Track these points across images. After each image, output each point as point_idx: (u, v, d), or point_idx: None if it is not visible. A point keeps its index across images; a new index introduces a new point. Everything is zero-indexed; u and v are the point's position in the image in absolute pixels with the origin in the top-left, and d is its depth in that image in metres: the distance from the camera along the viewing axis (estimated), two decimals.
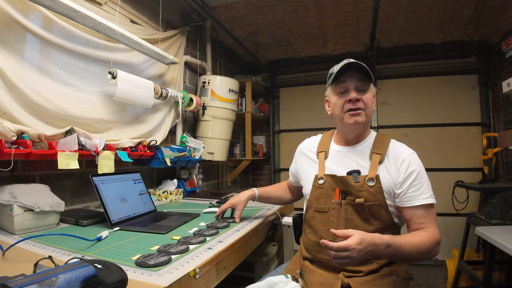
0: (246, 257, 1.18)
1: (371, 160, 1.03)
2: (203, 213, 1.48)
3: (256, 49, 3.28)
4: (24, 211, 1.03)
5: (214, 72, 2.83)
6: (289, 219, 1.52)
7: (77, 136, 1.32)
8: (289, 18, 2.63)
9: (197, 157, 2.14)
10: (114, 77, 1.48)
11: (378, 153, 1.03)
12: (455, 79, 3.10)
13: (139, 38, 1.57)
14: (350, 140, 1.10)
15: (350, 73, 1.02)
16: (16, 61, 1.18)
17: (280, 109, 3.72)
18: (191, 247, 0.93)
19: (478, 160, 2.92)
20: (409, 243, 0.89)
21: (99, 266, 0.61)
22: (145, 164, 1.86)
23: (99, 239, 0.99)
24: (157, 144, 1.85)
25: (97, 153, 1.37)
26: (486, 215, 2.13)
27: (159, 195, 1.90)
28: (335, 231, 0.83)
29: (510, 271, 2.22)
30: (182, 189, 1.99)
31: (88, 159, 1.46)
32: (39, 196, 1.10)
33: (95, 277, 0.57)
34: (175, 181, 2.03)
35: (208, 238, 1.03)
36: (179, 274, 0.73)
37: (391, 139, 1.08)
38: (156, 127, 1.95)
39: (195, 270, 0.77)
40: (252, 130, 3.08)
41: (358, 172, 1.02)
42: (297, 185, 1.31)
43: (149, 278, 0.70)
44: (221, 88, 2.47)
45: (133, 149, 1.65)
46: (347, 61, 1.01)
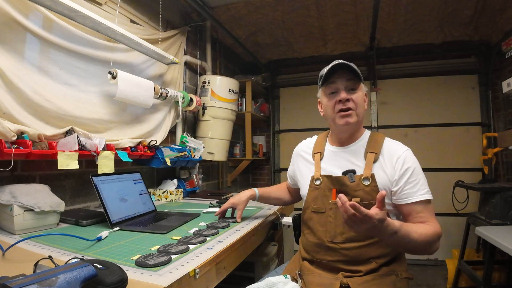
0: (246, 257, 1.18)
1: (365, 159, 1.03)
2: (203, 213, 1.48)
3: (256, 49, 3.27)
4: (24, 211, 1.03)
5: (214, 72, 2.82)
6: (289, 219, 1.52)
7: (77, 136, 1.32)
8: (289, 18, 2.63)
9: (197, 157, 2.14)
10: (114, 77, 1.48)
11: (372, 152, 1.03)
12: (455, 79, 3.10)
13: (139, 38, 1.57)
14: (344, 140, 1.10)
15: (339, 73, 1.03)
16: (16, 61, 1.18)
17: (280, 109, 3.72)
18: (191, 247, 0.93)
19: (478, 160, 2.92)
20: (414, 233, 0.87)
21: (99, 266, 0.61)
22: (145, 164, 1.86)
23: (99, 239, 0.99)
24: (157, 144, 1.85)
25: (97, 153, 1.37)
26: (486, 215, 2.13)
27: (159, 195, 1.90)
28: (382, 192, 0.77)
29: (510, 271, 2.22)
30: (182, 189, 1.99)
31: (88, 159, 1.46)
32: (39, 196, 1.10)
33: (95, 277, 0.57)
34: (175, 181, 2.03)
35: (208, 238, 1.03)
36: (179, 274, 0.73)
37: (385, 137, 1.08)
38: (156, 127, 1.95)
39: (195, 270, 0.77)
40: (252, 130, 3.08)
41: (354, 171, 1.02)
42: (295, 187, 1.31)
43: (149, 278, 0.70)
44: (221, 88, 2.47)
45: (133, 149, 1.65)
46: (335, 62, 1.02)
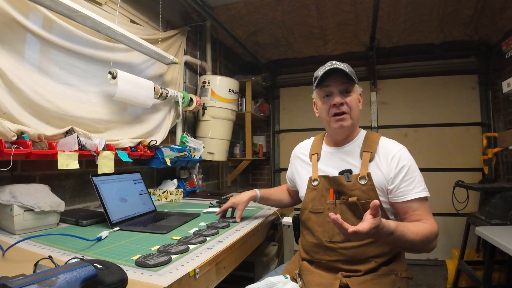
0: (246, 257, 1.18)
1: (361, 158, 1.04)
2: (203, 213, 1.48)
3: (256, 49, 3.27)
4: (24, 211, 1.03)
5: (214, 72, 2.82)
6: (289, 219, 1.52)
7: (77, 136, 1.32)
8: (289, 18, 2.63)
9: (197, 157, 2.14)
10: (114, 77, 1.48)
11: (368, 151, 1.04)
12: (455, 79, 3.09)
13: (139, 38, 1.57)
14: (339, 141, 1.11)
15: (334, 76, 1.03)
16: (16, 61, 1.18)
17: (280, 109, 3.72)
18: (191, 247, 0.93)
19: (478, 160, 2.92)
20: (410, 232, 0.88)
21: (99, 266, 0.61)
22: (145, 164, 1.86)
23: (99, 239, 0.99)
24: (157, 144, 1.85)
25: (97, 153, 1.37)
26: (486, 215, 2.13)
27: (159, 195, 1.90)
28: (375, 202, 0.77)
29: (510, 271, 2.22)
30: (182, 189, 1.99)
31: (88, 159, 1.46)
32: (39, 196, 1.10)
33: (95, 277, 0.57)
34: (175, 181, 2.03)
35: (208, 238, 1.03)
36: (179, 274, 0.73)
37: (381, 136, 1.09)
38: (156, 127, 1.95)
39: (195, 270, 0.77)
40: (252, 130, 3.08)
41: (350, 171, 1.03)
42: (294, 188, 1.31)
43: (149, 278, 0.70)
44: (221, 88, 2.47)
45: (133, 149, 1.65)
46: (330, 66, 1.02)
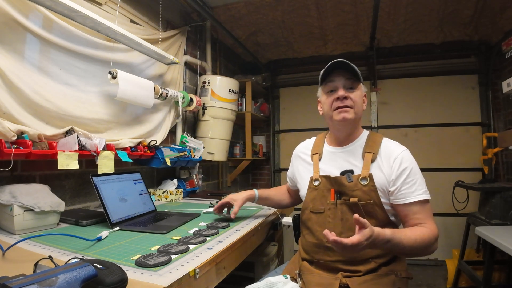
0: (246, 257, 1.18)
1: (363, 159, 1.03)
2: (203, 213, 1.48)
3: (256, 49, 3.27)
4: (24, 211, 1.03)
5: (214, 72, 2.82)
6: (289, 219, 1.52)
7: (77, 136, 1.32)
8: (289, 18, 2.63)
9: (197, 157, 2.14)
10: (114, 77, 1.48)
11: (370, 152, 1.03)
12: (455, 79, 3.09)
13: (139, 38, 1.57)
14: (342, 140, 1.10)
15: (339, 73, 1.04)
16: (16, 61, 1.18)
17: (280, 109, 3.72)
18: (191, 247, 0.93)
19: (478, 160, 2.92)
20: (408, 238, 0.89)
21: (99, 266, 0.61)
22: (145, 164, 1.86)
23: (99, 239, 0.99)
24: (157, 144, 1.85)
25: (97, 153, 1.37)
26: (486, 215, 2.13)
27: (159, 195, 1.90)
28: (360, 219, 0.78)
29: (510, 271, 2.22)
30: (182, 189, 1.99)
31: (88, 159, 1.46)
32: (39, 196, 1.10)
33: (95, 277, 0.57)
34: (175, 181, 2.03)
35: (208, 238, 1.03)
36: (179, 274, 0.73)
37: (383, 137, 1.08)
38: (156, 127, 1.95)
39: (195, 270, 0.77)
40: (252, 130, 3.08)
41: (351, 171, 1.02)
42: (295, 188, 1.30)
43: (149, 278, 0.70)
44: (221, 88, 2.47)
45: (133, 149, 1.65)
46: (335, 60, 1.03)
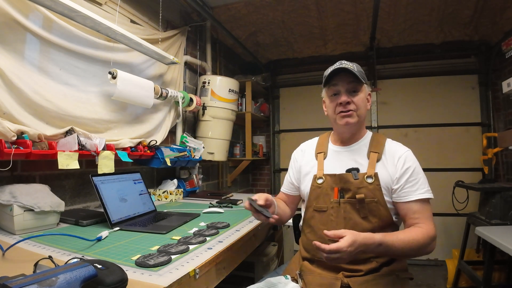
0: (246, 257, 1.18)
1: (369, 158, 1.05)
2: (203, 213, 1.48)
3: (256, 49, 3.27)
4: (24, 211, 1.03)
5: (214, 72, 2.82)
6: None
7: (77, 136, 1.32)
8: (289, 18, 2.63)
9: (197, 157, 2.14)
10: (114, 77, 1.48)
11: (375, 151, 1.06)
12: (455, 79, 3.09)
13: (139, 38, 1.57)
14: (346, 140, 1.12)
15: (341, 76, 1.04)
16: (16, 61, 1.18)
17: (280, 109, 3.72)
18: (191, 247, 0.93)
19: (478, 160, 2.92)
20: (400, 241, 0.90)
21: (99, 266, 0.61)
22: (145, 164, 1.86)
23: (99, 239, 0.99)
24: (157, 144, 1.85)
25: (97, 153, 1.37)
26: (486, 215, 2.13)
27: (159, 195, 1.90)
28: (327, 232, 0.85)
29: (510, 271, 2.22)
30: (182, 189, 1.99)
31: (88, 159, 1.46)
32: (39, 196, 1.10)
33: (95, 277, 0.57)
34: (175, 181, 2.03)
35: (208, 238, 1.03)
36: (179, 274, 0.73)
37: (387, 138, 1.11)
38: (156, 127, 1.95)
39: (195, 270, 0.77)
40: (252, 130, 3.08)
41: (357, 169, 1.04)
42: (292, 192, 1.25)
43: (149, 278, 0.70)
44: (221, 88, 2.47)
45: (133, 149, 1.65)
46: (338, 65, 1.03)
